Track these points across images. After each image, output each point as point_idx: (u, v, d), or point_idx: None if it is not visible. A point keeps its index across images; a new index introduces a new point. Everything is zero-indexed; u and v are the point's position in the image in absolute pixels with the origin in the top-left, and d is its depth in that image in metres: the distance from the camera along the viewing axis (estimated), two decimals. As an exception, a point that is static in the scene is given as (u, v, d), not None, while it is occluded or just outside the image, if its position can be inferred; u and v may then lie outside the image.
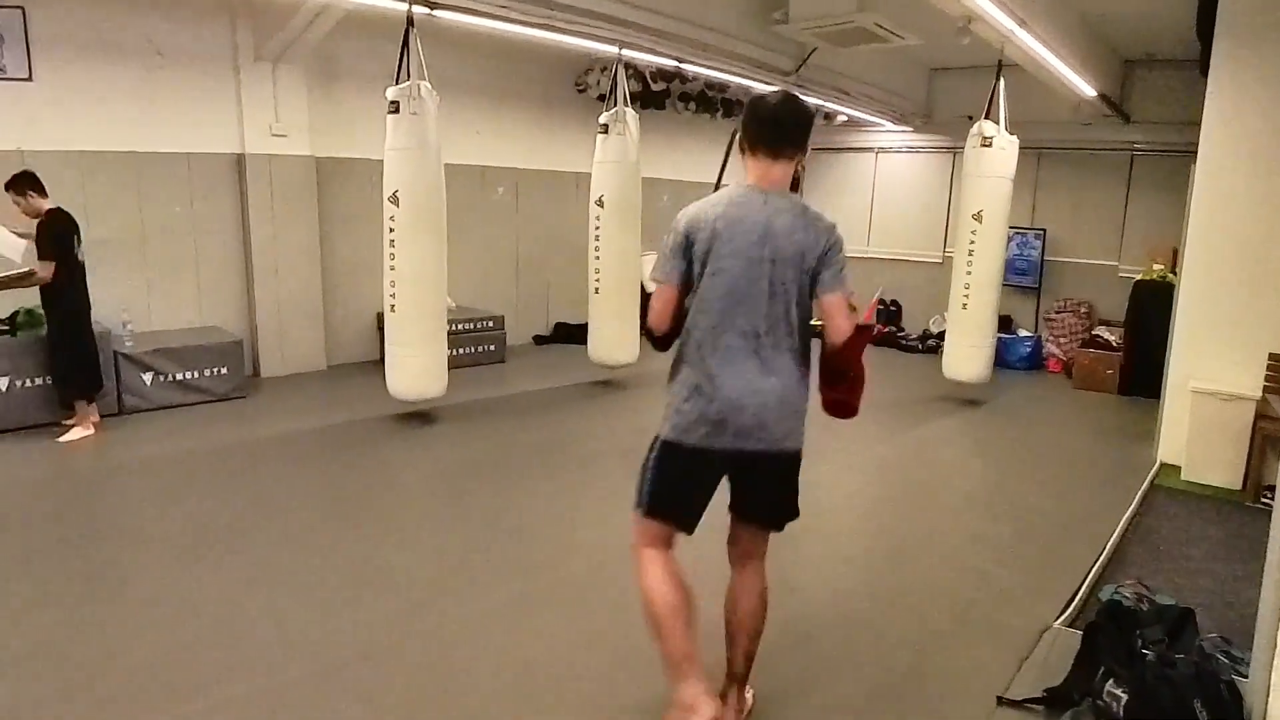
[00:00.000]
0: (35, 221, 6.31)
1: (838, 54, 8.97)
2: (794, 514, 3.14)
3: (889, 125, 12.16)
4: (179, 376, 7.53)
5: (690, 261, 2.96)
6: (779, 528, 3.15)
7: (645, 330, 3.19)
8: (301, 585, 4.33)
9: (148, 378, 7.38)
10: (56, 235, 6.28)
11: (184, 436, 6.80)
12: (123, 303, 7.54)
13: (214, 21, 8.02)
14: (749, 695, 3.30)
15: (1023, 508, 5.72)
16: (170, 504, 5.44)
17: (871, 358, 8.99)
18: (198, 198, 8.22)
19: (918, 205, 12.63)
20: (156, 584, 4.32)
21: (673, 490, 3.01)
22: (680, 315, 3.01)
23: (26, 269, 6.25)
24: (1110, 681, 3.23)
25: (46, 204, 6.33)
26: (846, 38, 7.92)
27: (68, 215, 6.43)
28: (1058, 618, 4.07)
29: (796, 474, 3.09)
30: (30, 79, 7.12)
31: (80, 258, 6.53)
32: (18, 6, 6.98)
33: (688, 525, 3.04)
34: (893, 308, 12.68)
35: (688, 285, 2.99)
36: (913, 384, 9.57)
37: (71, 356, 6.59)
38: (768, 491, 3.07)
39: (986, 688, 3.47)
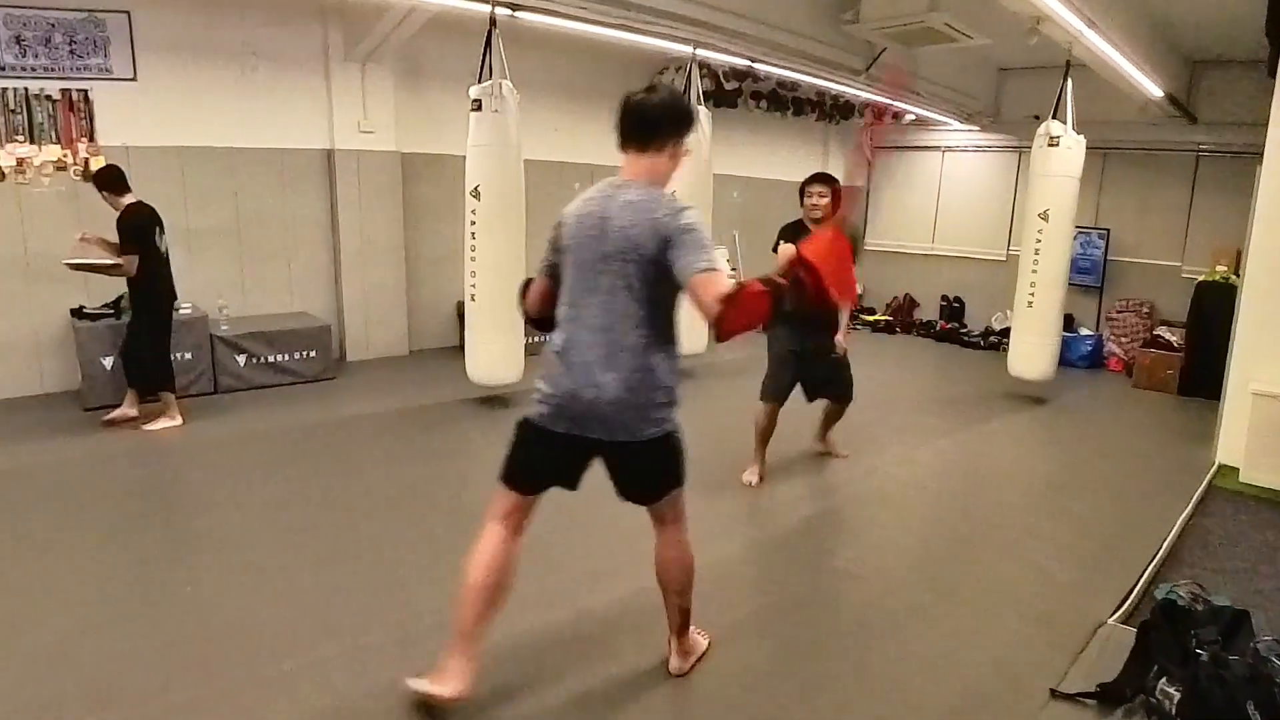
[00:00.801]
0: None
1: (907, 53, 8.87)
2: (666, 487, 3.10)
3: (956, 124, 11.97)
4: (270, 359, 7.74)
5: (557, 253, 3.02)
6: (652, 502, 3.13)
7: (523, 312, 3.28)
8: (384, 555, 4.45)
9: (241, 359, 7.59)
10: (136, 228, 6.28)
11: (275, 415, 7.00)
12: (219, 289, 7.74)
13: (307, 24, 8.18)
14: (700, 639, 3.53)
15: (1081, 504, 5.63)
16: (263, 476, 5.61)
17: (933, 353, 8.83)
18: (289, 191, 8.41)
19: (982, 204, 12.42)
20: (250, 550, 4.46)
21: (518, 462, 3.10)
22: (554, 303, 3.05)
23: (112, 261, 6.31)
24: (1163, 680, 3.19)
25: (127, 199, 6.34)
26: (916, 37, 7.81)
27: (149, 208, 6.42)
28: (1112, 614, 4.02)
29: (661, 456, 3.03)
30: (135, 79, 7.32)
31: (163, 249, 6.51)
32: (124, 11, 7.18)
33: (525, 490, 3.11)
34: (956, 304, 12.52)
35: (555, 277, 3.05)
36: (975, 379, 9.46)
37: (159, 347, 6.61)
38: (626, 473, 3.06)
39: (1040, 681, 3.45)
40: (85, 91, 7.14)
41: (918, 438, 7.06)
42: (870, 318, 12.74)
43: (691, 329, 8.31)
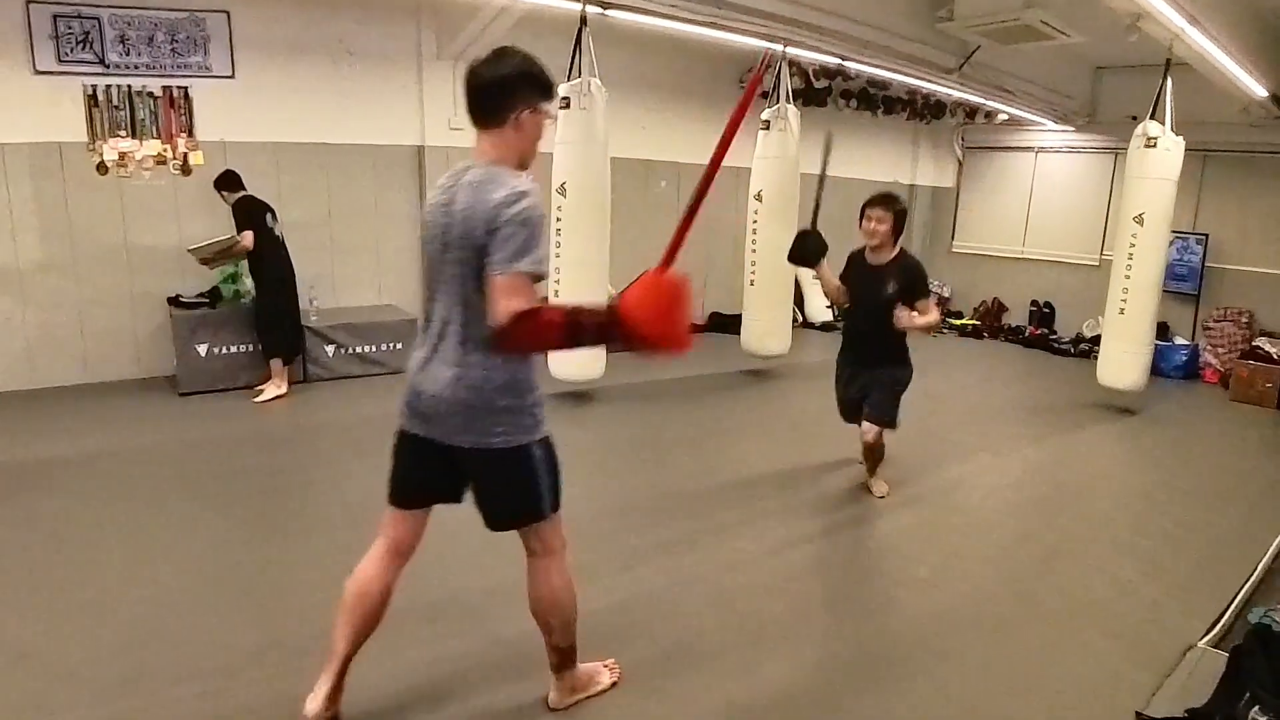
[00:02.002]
0: None
1: (1001, 52, 8.66)
2: (522, 512, 2.82)
3: (1050, 124, 11.64)
4: (358, 350, 7.87)
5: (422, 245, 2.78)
6: (507, 527, 2.85)
7: None
8: (466, 540, 4.43)
9: (330, 349, 7.75)
10: (247, 211, 6.90)
11: (362, 404, 7.13)
12: (310, 280, 7.86)
13: (400, 23, 8.28)
14: (597, 675, 3.22)
15: (1171, 520, 5.41)
16: (352, 462, 5.73)
17: (1021, 359, 8.59)
18: (380, 186, 8.54)
19: (1076, 207, 12.03)
20: (339, 532, 4.53)
21: (393, 472, 2.88)
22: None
23: (230, 238, 6.84)
24: (1255, 709, 3.05)
25: (238, 195, 6.96)
26: (1011, 35, 7.63)
27: (257, 199, 7.02)
28: (1202, 637, 3.86)
29: (510, 473, 2.74)
30: (233, 76, 7.51)
31: (277, 234, 7.09)
32: (224, 11, 7.35)
33: (400, 504, 2.89)
34: (1046, 309, 12.20)
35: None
36: (1064, 388, 9.17)
37: (271, 318, 7.15)
38: (477, 485, 2.81)
39: (1125, 702, 3.33)
40: (185, 88, 7.34)
41: (1004, 446, 6.89)
42: (958, 322, 12.48)
43: (769, 329, 8.39)
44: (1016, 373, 10.10)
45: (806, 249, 5.32)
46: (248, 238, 6.82)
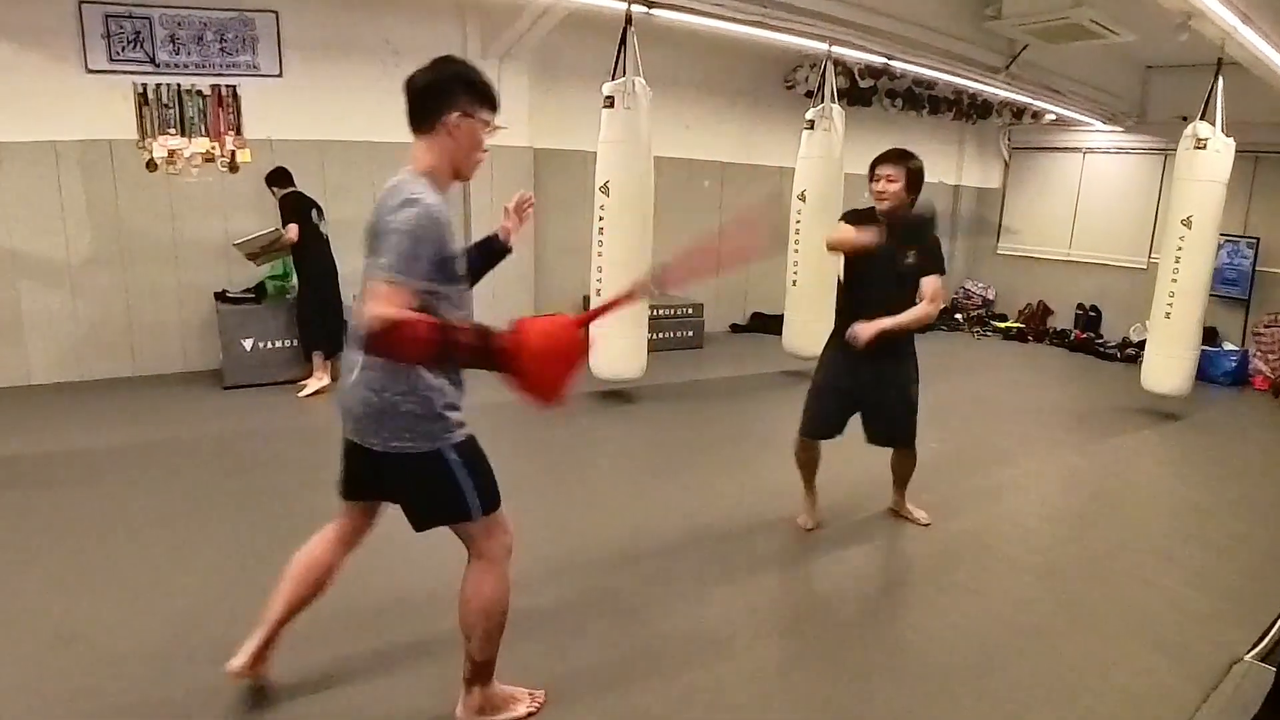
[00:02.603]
0: None
1: (1049, 51, 8.55)
2: (433, 517, 2.76)
3: (1099, 125, 11.47)
4: (401, 348, 7.84)
5: None
6: (419, 528, 2.78)
7: None
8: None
9: None
10: (293, 207, 7.01)
11: None
12: (353, 278, 7.86)
13: (446, 21, 8.31)
14: (515, 702, 3.02)
15: (1218, 530, 5.29)
16: None
17: (1066, 364, 8.43)
18: (423, 184, 8.50)
19: (1124, 208, 11.84)
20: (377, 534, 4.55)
21: (341, 464, 2.86)
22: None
23: (274, 231, 6.99)
24: (1305, 725, 2.98)
25: (286, 191, 7.08)
26: (1060, 34, 7.54)
27: (304, 195, 7.12)
28: (1250, 650, 3.77)
29: (418, 477, 2.68)
30: (280, 75, 7.59)
31: (322, 230, 7.19)
32: (273, 11, 7.42)
33: (344, 496, 2.90)
34: (1092, 313, 12.02)
35: None
36: (1108, 393, 9.03)
37: (313, 313, 7.24)
38: (394, 486, 2.75)
39: (1170, 716, 3.26)
40: (234, 87, 7.43)
41: (1047, 451, 6.80)
42: (1002, 325, 12.33)
43: (805, 329, 8.32)
44: (1061, 377, 9.98)
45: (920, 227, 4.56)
46: (292, 231, 6.91)
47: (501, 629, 2.84)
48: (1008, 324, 12.36)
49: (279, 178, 7.10)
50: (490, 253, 3.22)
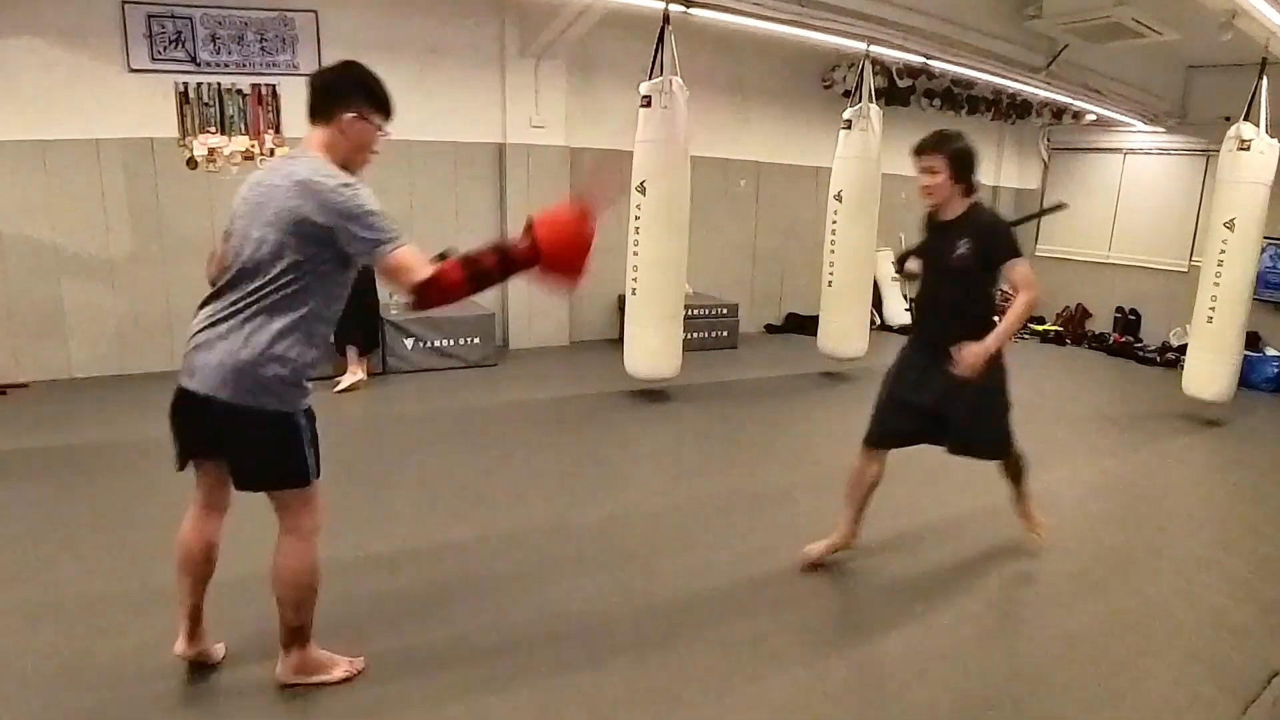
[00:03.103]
0: None
1: (1090, 50, 8.43)
2: (269, 477, 2.89)
3: (1139, 125, 11.29)
4: (436, 343, 7.98)
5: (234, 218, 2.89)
6: (245, 485, 2.92)
7: None
8: (535, 541, 4.52)
9: (409, 342, 7.86)
10: None
11: (440, 396, 7.28)
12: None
13: (484, 22, 8.35)
14: (333, 666, 3.15)
15: (1260, 540, 5.13)
16: (425, 453, 5.88)
17: (1105, 367, 8.23)
18: (461, 183, 8.62)
19: (1165, 210, 11.60)
20: (408, 526, 4.62)
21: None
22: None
23: None
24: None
25: None
26: (1101, 33, 7.43)
27: None
28: (1293, 662, 3.69)
29: (262, 435, 2.81)
30: None
31: None
32: (312, 10, 7.46)
33: (179, 465, 3.00)
34: (1131, 316, 11.83)
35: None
36: (1147, 398, 8.87)
37: (351, 310, 7.01)
38: (230, 444, 2.86)
39: (1208, 727, 3.19)
40: (273, 86, 7.49)
41: (1084, 456, 6.68)
42: (1039, 327, 12.15)
43: (846, 331, 8.26)
44: (1099, 381, 9.82)
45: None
46: None
47: (312, 598, 2.97)
48: (1045, 326, 12.19)
49: None
50: None
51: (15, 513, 4.61)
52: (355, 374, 7.25)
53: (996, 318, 3.93)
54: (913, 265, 4.26)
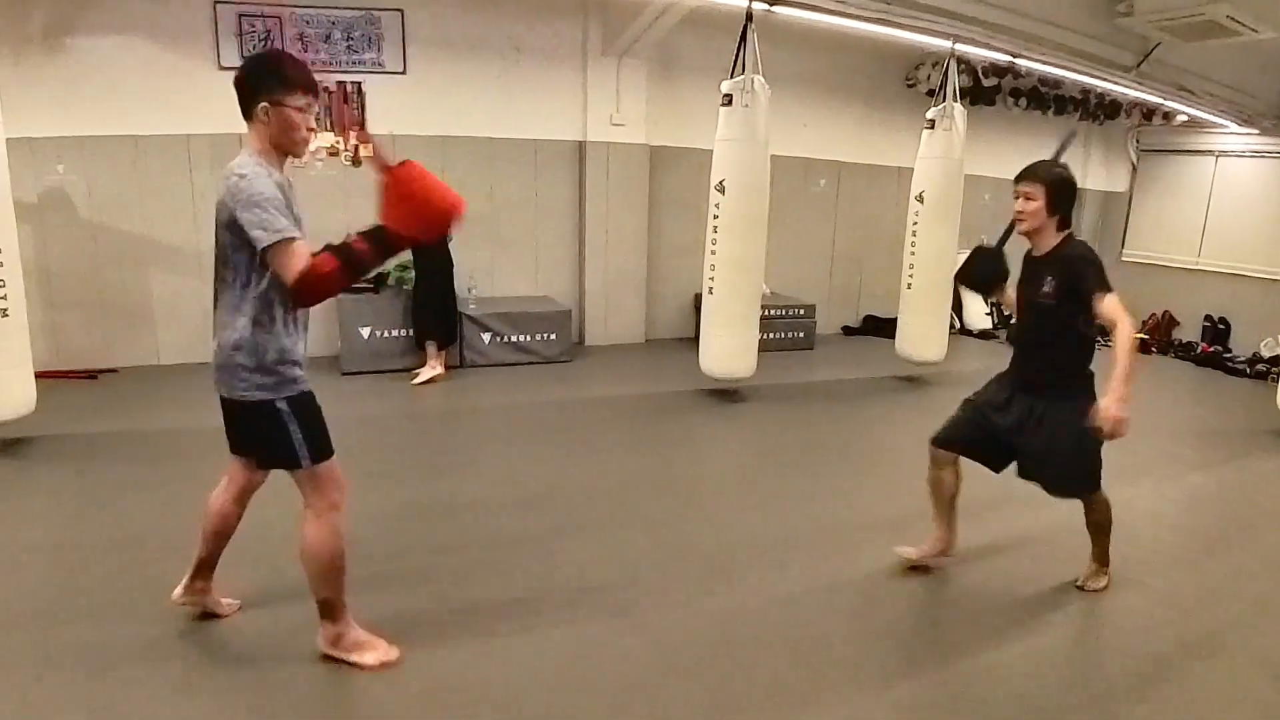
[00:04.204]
0: None
1: (1183, 49, 8.13)
2: (275, 459, 3.07)
3: (1233, 127, 10.89)
4: (513, 338, 8.00)
5: None
6: (264, 465, 3.22)
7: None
8: (605, 536, 4.50)
9: (486, 337, 7.90)
10: None
11: (515, 391, 7.31)
12: (470, 270, 8.00)
13: (567, 20, 8.35)
14: (377, 649, 3.20)
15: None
16: (499, 446, 5.96)
17: (1192, 378, 7.83)
18: (541, 180, 8.64)
19: (1258, 215, 11.13)
20: (484, 518, 4.63)
21: None
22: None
23: None
24: None
25: None
26: (1195, 31, 7.17)
27: None
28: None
29: (258, 424, 3.00)
30: (404, 72, 7.75)
31: None
32: (398, 9, 7.52)
33: (231, 449, 3.28)
34: (1221, 325, 11.39)
35: None
36: (1238, 411, 8.48)
37: (426, 304, 7.36)
38: (241, 433, 3.17)
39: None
40: (359, 84, 7.60)
41: (1169, 470, 6.37)
42: (1125, 333, 11.77)
43: (925, 334, 8.07)
44: (1185, 392, 9.44)
45: (977, 271, 4.24)
46: None
47: (334, 573, 3.08)
48: (1131, 333, 11.81)
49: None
50: None
51: (102, 494, 4.75)
52: (434, 368, 7.33)
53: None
54: (1010, 293, 4.09)
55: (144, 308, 7.24)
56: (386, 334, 7.48)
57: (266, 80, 2.84)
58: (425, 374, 7.28)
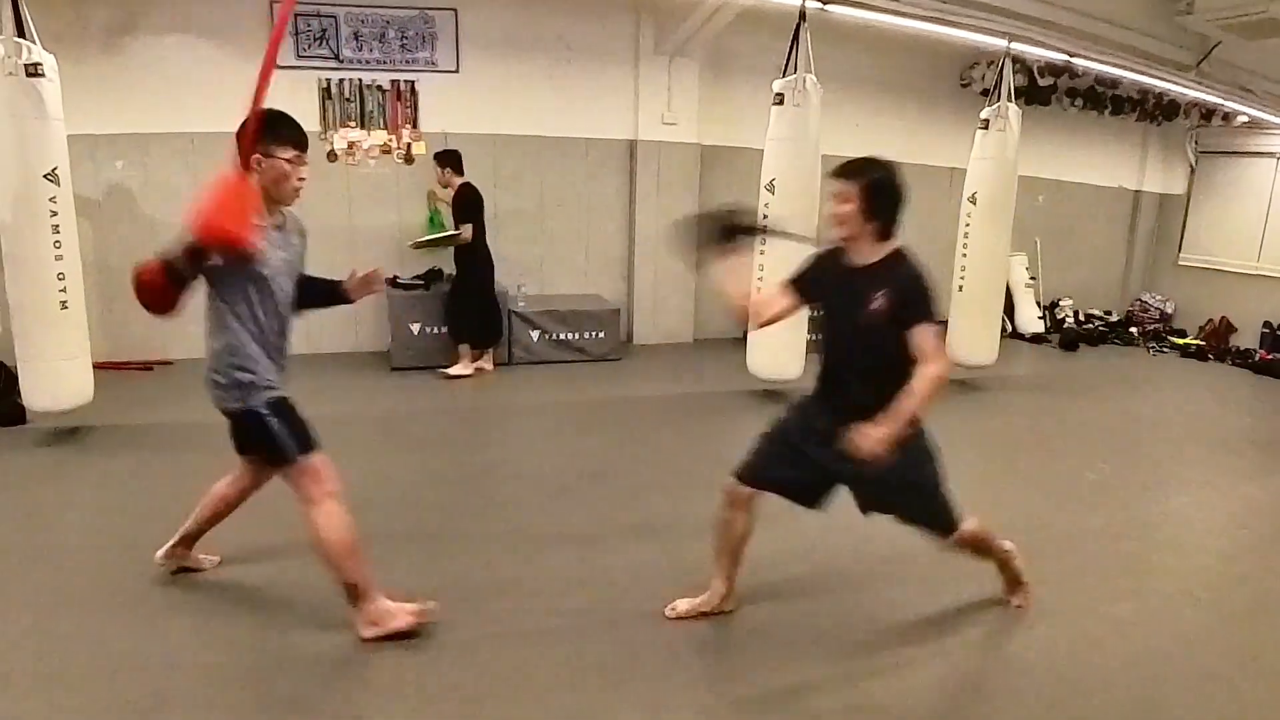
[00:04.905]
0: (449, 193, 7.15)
1: (1244, 48, 7.92)
2: (267, 458, 3.29)
3: (1297, 127, 10.64)
4: (561, 336, 8.00)
5: None
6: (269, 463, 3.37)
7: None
8: (654, 531, 4.53)
9: (535, 334, 7.91)
10: (472, 204, 7.00)
11: (562, 388, 7.34)
12: (520, 267, 8.02)
13: (620, 19, 8.33)
14: (398, 613, 3.34)
15: None
16: (545, 446, 5.99)
17: (1248, 386, 7.56)
18: (591, 179, 8.64)
19: (1322, 219, 10.90)
20: (526, 513, 4.69)
21: None
22: None
23: (452, 231, 7.08)
24: None
25: (459, 180, 7.03)
26: (1257, 30, 6.99)
27: (477, 189, 7.08)
28: None
29: (247, 429, 3.26)
30: (457, 71, 7.80)
31: (482, 226, 7.22)
32: (452, 9, 7.55)
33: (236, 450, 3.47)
34: (1280, 332, 11.06)
35: None
36: (1295, 419, 8.28)
37: (469, 306, 7.31)
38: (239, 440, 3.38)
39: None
40: (412, 82, 7.66)
41: (1222, 480, 6.17)
42: (1180, 341, 11.46)
43: (976, 338, 7.92)
44: (1242, 400, 9.17)
45: (710, 229, 3.41)
46: (467, 231, 6.98)
47: (344, 557, 3.21)
48: (1186, 340, 11.48)
49: (455, 161, 7.11)
50: (329, 292, 3.72)
51: (154, 480, 4.90)
52: (466, 367, 7.34)
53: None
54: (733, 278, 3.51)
55: (198, 301, 7.27)
56: (436, 330, 7.49)
57: (260, 134, 3.06)
58: (455, 370, 7.30)
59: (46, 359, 5.15)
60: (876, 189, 3.23)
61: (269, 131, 3.09)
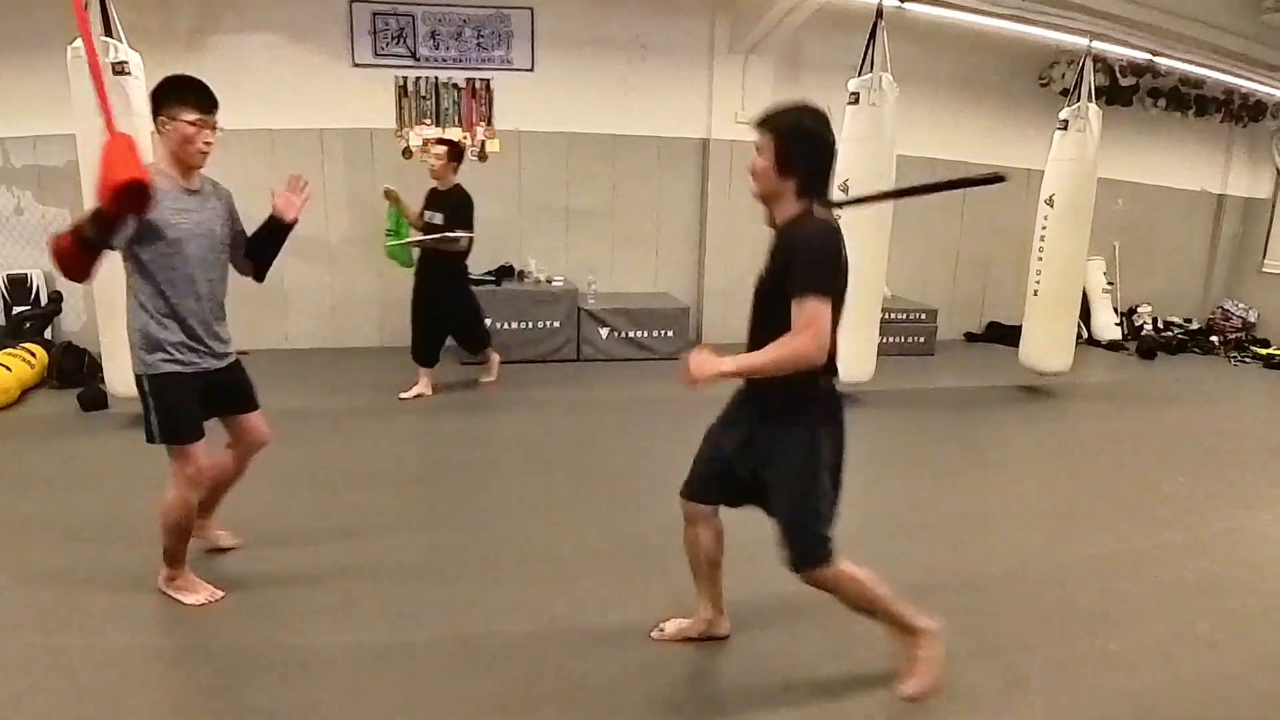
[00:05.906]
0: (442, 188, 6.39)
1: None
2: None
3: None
4: (630, 334, 7.97)
5: None
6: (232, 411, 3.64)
7: None
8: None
9: (604, 332, 7.90)
10: (472, 208, 6.29)
11: (627, 386, 7.30)
12: (590, 265, 8.00)
13: (694, 17, 8.28)
14: (191, 589, 3.49)
15: None
16: (608, 443, 5.96)
17: None
18: (663, 178, 8.60)
19: None
20: (580, 511, 4.63)
21: None
22: None
23: (456, 235, 6.20)
24: None
25: (455, 180, 6.34)
26: (1348, 28, 6.73)
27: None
28: None
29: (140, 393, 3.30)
30: (532, 69, 7.82)
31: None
32: (528, 8, 7.58)
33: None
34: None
35: None
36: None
37: (432, 318, 6.50)
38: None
39: None
40: (487, 80, 7.72)
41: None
42: (1264, 351, 10.98)
43: (1050, 343, 7.68)
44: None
45: None
46: (469, 243, 6.34)
47: (177, 533, 3.38)
48: (1270, 350, 11.04)
49: (462, 156, 6.47)
50: (267, 228, 3.83)
51: None
52: (425, 389, 6.57)
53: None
54: None
55: (277, 294, 7.41)
56: (506, 325, 7.48)
57: (165, 97, 3.14)
58: (412, 391, 6.53)
59: (127, 347, 5.22)
60: (793, 139, 2.74)
61: (172, 95, 3.13)
